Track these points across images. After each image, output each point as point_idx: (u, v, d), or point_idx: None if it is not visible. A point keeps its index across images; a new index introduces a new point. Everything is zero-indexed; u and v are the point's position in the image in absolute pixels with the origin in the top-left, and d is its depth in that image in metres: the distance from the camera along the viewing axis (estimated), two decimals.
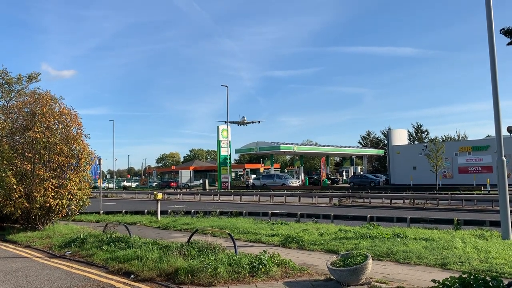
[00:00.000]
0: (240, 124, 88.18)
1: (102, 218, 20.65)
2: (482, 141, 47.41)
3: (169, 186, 68.46)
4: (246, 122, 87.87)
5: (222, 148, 58.75)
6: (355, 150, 72.74)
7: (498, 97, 10.95)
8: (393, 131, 56.50)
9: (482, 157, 44.43)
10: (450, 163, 46.04)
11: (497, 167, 11.02)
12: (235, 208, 22.83)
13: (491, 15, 10.62)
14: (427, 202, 25.50)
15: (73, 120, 16.58)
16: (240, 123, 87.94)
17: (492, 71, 10.91)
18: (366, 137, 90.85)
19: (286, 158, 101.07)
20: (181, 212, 20.90)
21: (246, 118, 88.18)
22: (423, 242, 10.18)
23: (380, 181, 50.76)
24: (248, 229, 13.81)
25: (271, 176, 56.13)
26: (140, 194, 48.44)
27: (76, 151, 16.50)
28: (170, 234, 14.30)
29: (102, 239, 11.55)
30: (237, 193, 37.85)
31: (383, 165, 75.77)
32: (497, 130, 11.20)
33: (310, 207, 25.85)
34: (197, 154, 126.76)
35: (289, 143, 61.70)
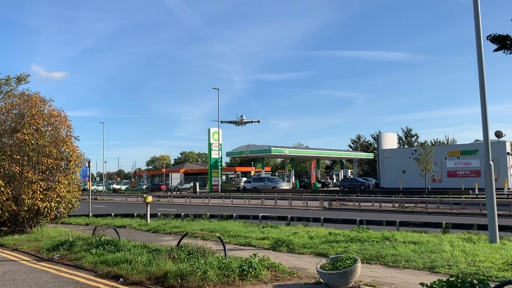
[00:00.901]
0: (238, 124, 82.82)
1: (91, 221, 20.50)
2: (471, 145, 47.92)
3: (159, 189, 68.12)
4: (244, 121, 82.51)
5: (213, 151, 58.62)
6: (346, 154, 73.09)
7: (486, 102, 11.10)
8: (383, 135, 56.89)
9: (471, 161, 44.90)
10: (439, 167, 46.45)
11: (485, 171, 11.16)
12: (225, 211, 22.80)
13: (479, 23, 10.77)
14: (416, 206, 25.69)
15: (62, 122, 16.47)
16: (238, 123, 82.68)
17: (480, 77, 11.05)
18: (356, 141, 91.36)
19: (277, 161, 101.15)
20: (171, 215, 20.81)
21: (244, 117, 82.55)
22: (412, 246, 10.27)
23: (370, 184, 51.03)
24: (238, 232, 13.81)
25: (262, 179, 56.14)
26: (130, 197, 48.13)
27: (65, 153, 16.39)
28: (160, 238, 14.24)
29: (91, 242, 11.48)
30: (227, 196, 37.78)
31: (373, 169, 76.21)
32: (485, 135, 11.36)
33: (301, 210, 25.90)
34: (188, 157, 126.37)
35: (280, 146, 61.79)
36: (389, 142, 55.73)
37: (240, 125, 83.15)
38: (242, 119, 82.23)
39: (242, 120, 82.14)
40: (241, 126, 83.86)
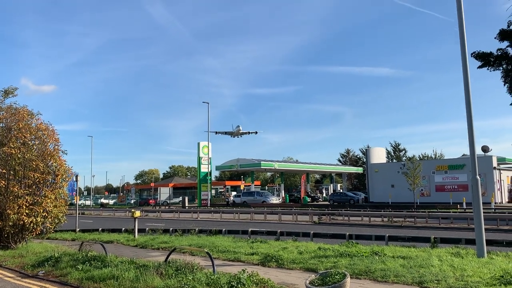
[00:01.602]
0: (234, 135, 75.94)
1: (78, 236, 20.19)
2: (458, 160, 48.44)
3: (147, 204, 67.48)
4: (241, 132, 75.71)
5: (202, 165, 58.42)
6: (335, 168, 73.32)
7: (472, 118, 11.26)
8: (372, 149, 57.28)
9: (458, 175, 45.32)
10: (427, 181, 46.80)
11: (472, 186, 11.27)
12: (214, 226, 22.64)
13: (464, 41, 10.98)
14: (405, 220, 25.77)
15: (50, 135, 16.32)
16: (233, 134, 75.74)
17: (466, 94, 11.22)
18: (345, 155, 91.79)
19: (266, 175, 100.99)
20: (159, 230, 20.59)
21: (241, 127, 75.66)
22: (401, 260, 10.27)
23: (359, 198, 51.15)
24: (227, 247, 13.70)
25: (252, 193, 55.96)
26: (117, 211, 47.57)
27: (52, 168, 16.20)
28: (148, 253, 14.07)
29: (77, 258, 11.28)
30: (217, 210, 37.55)
31: (362, 183, 76.47)
32: (471, 150, 11.50)
33: (290, 225, 25.82)
34: (177, 171, 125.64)
35: (269, 160, 61.82)
36: (378, 157, 56.11)
37: (236, 136, 76.52)
38: (239, 129, 75.90)
39: (239, 130, 75.78)
40: (237, 137, 77.27)
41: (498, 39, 8.57)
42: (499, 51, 8.63)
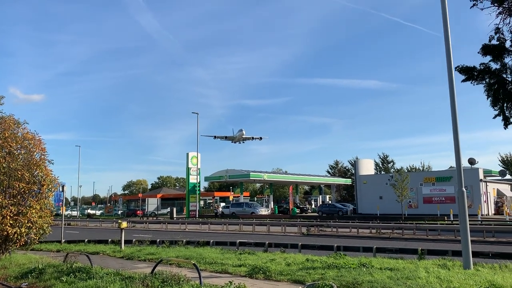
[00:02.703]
0: (235, 140, 67.18)
1: (63, 248, 19.88)
2: (445, 172, 48.90)
3: (135, 215, 66.76)
4: (244, 138, 66.37)
5: (191, 176, 58.09)
6: (324, 179, 73.49)
7: (458, 131, 11.41)
8: (360, 161, 57.60)
9: (445, 187, 45.73)
10: (415, 193, 47.11)
11: (458, 198, 11.38)
12: (202, 237, 22.48)
13: (450, 56, 11.16)
14: (393, 232, 25.86)
15: (36, 145, 16.11)
16: (235, 139, 66.92)
17: (452, 107, 11.38)
18: (334, 166, 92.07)
19: (256, 186, 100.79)
20: (146, 242, 20.38)
21: (244, 132, 66.01)
22: (388, 272, 10.28)
23: (348, 210, 51.24)
24: (215, 259, 13.61)
25: (241, 204, 55.75)
26: (104, 222, 46.98)
27: (38, 177, 15.96)
28: (134, 265, 13.90)
29: (61, 270, 11.11)
30: (205, 221, 37.29)
31: (350, 194, 76.72)
32: (457, 162, 11.63)
33: (279, 236, 25.74)
34: (166, 182, 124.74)
35: (259, 171, 61.74)
36: (366, 168, 56.41)
37: (238, 142, 67.99)
38: (242, 134, 66.01)
39: (242, 135, 66.08)
40: (239, 143, 68.69)
41: (481, 53, 8.76)
42: (482, 65, 8.82)
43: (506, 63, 8.59)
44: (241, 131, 65.80)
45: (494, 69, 8.66)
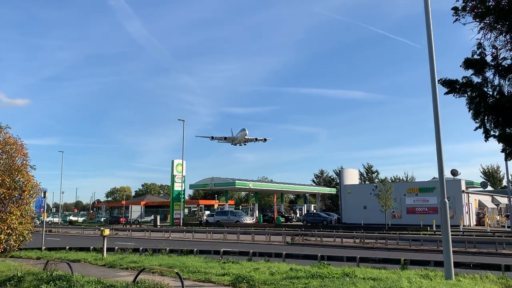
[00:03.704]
0: (236, 142, 60.36)
1: (43, 255, 19.49)
2: (429, 182, 49.50)
3: (118, 222, 65.94)
4: (247, 139, 59.43)
5: (176, 183, 57.71)
6: (309, 188, 73.71)
7: (441, 143, 11.55)
8: (345, 171, 57.97)
9: (429, 198, 46.24)
10: (399, 203, 47.53)
11: (440, 209, 11.51)
12: (186, 246, 22.28)
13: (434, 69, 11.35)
14: (376, 242, 26.00)
15: (18, 150, 15.90)
16: (235, 141, 60.11)
17: (435, 121, 11.53)
18: (319, 176, 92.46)
19: (241, 194, 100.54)
20: (129, 250, 20.11)
21: (247, 132, 58.82)
22: (371, 282, 10.32)
23: (332, 219, 51.42)
24: (198, 268, 13.49)
25: (225, 212, 55.51)
26: (86, 229, 46.30)
27: (19, 183, 15.74)
28: (116, 273, 13.69)
29: (41, 278, 10.89)
30: (189, 230, 36.99)
31: (335, 204, 77.03)
32: (440, 174, 11.77)
33: (263, 245, 25.66)
34: (150, 189, 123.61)
35: (244, 179, 61.64)
36: (351, 178, 56.78)
37: (239, 143, 61.28)
38: (244, 134, 58.68)
39: (244, 135, 58.85)
40: (240, 145, 61.85)
41: (463, 67, 8.96)
42: (464, 78, 9.02)
43: (487, 77, 8.81)
44: (244, 130, 58.42)
45: (476, 82, 8.88)
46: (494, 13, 8.14)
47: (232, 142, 60.91)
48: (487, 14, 8.27)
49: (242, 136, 58.59)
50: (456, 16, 8.90)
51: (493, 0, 8.28)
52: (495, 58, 8.89)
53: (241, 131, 58.61)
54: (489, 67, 8.72)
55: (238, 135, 59.12)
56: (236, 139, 59.46)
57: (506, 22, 8.08)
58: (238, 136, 59.13)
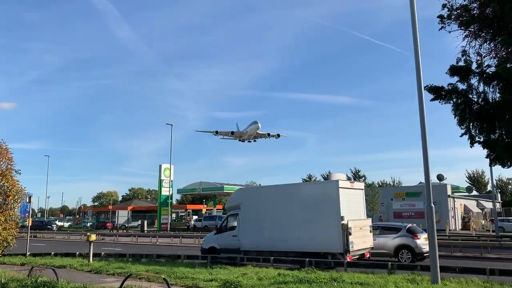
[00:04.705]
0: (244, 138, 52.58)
1: (28, 261, 19.18)
2: (415, 187, 49.93)
3: (104, 227, 65.24)
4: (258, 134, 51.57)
5: (163, 188, 57.32)
6: None
7: (427, 149, 11.69)
8: (333, 175, 57.25)
9: (415, 203, 46.61)
10: (386, 208, 47.84)
11: (427, 214, 11.63)
12: (173, 251, 22.15)
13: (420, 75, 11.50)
14: None
15: (3, 154, 15.69)
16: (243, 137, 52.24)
17: (421, 125, 11.66)
18: (307, 180, 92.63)
19: None
20: (116, 255, 19.93)
21: (260, 125, 51.03)
22: (359, 287, 10.39)
23: None
24: (186, 273, 13.43)
25: (213, 217, 55.22)
26: (72, 234, 45.73)
27: (4, 188, 15.51)
28: (102, 279, 13.55)
29: (25, 284, 10.72)
30: (176, 235, 36.77)
31: None
32: (426, 179, 11.90)
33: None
34: (137, 194, 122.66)
35: (233, 184, 61.54)
36: None
37: (248, 140, 53.91)
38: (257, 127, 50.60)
39: (256, 129, 50.88)
40: (249, 141, 54.53)
41: (449, 74, 9.12)
42: (450, 85, 9.18)
43: (472, 84, 8.98)
44: (256, 123, 50.43)
45: (461, 89, 9.05)
46: (478, 22, 8.33)
47: (240, 138, 53.43)
48: (471, 22, 8.46)
49: (253, 130, 50.83)
50: (442, 24, 9.07)
51: (477, 9, 8.49)
52: (480, 65, 9.07)
53: (252, 124, 50.98)
54: (474, 74, 8.89)
55: (248, 129, 51.46)
56: (245, 134, 52.03)
57: (490, 30, 8.28)
58: (248, 130, 51.58)
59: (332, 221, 15.58)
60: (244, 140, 53.75)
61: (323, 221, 15.94)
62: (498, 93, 8.68)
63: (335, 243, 15.38)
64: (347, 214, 15.62)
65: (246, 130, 52.46)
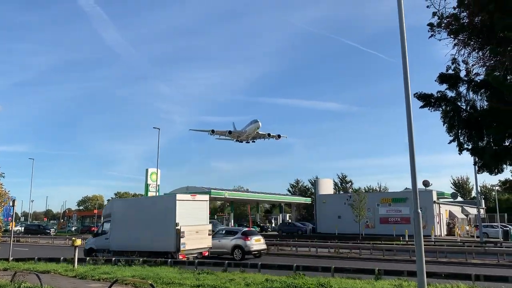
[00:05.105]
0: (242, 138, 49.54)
1: (11, 266, 18.79)
2: (401, 193, 50.38)
3: (90, 231, 64.32)
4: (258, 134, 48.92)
5: (150, 192, 56.70)
6: (284, 198, 73.91)
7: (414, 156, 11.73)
8: (320, 181, 58.40)
9: (401, 208, 47.03)
10: (372, 213, 48.13)
11: (414, 220, 11.68)
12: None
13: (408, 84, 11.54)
14: (350, 252, 26.24)
15: None
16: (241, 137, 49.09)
17: (409, 134, 11.70)
18: (295, 185, 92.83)
19: (216, 204, 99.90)
20: (101, 260, 19.65)
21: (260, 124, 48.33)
22: None
23: (307, 229, 51.62)
24: (173, 279, 13.29)
25: None
26: (57, 239, 45.08)
27: None
28: (87, 284, 13.34)
29: None
30: None
31: (310, 213, 77.41)
32: (413, 185, 11.94)
33: None
34: (123, 198, 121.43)
35: (220, 188, 61.26)
36: (326, 188, 57.23)
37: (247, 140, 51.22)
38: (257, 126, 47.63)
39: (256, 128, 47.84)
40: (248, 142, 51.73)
41: (438, 82, 9.23)
42: (439, 93, 9.29)
43: (460, 92, 9.10)
44: (256, 122, 47.88)
45: (450, 97, 9.16)
46: (467, 30, 8.46)
47: (237, 138, 50.91)
48: (461, 31, 8.59)
49: (253, 129, 48.24)
50: (431, 32, 9.18)
51: (467, 18, 8.62)
52: (468, 73, 9.20)
53: (252, 123, 48.44)
54: (462, 82, 9.02)
55: (247, 129, 49.01)
56: (244, 134, 49.54)
57: (479, 39, 8.42)
58: (247, 130, 49.09)
59: (169, 227, 19.60)
60: (242, 140, 51.63)
61: (164, 227, 19.92)
62: (486, 101, 8.81)
63: (171, 244, 19.46)
64: (183, 221, 19.56)
65: (245, 130, 50.29)
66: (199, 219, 20.87)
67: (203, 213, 21.48)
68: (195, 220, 20.39)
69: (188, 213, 20.14)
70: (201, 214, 21.21)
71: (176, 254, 19.16)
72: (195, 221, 20.32)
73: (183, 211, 19.93)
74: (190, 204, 20.76)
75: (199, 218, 20.83)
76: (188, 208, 20.34)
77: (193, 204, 20.98)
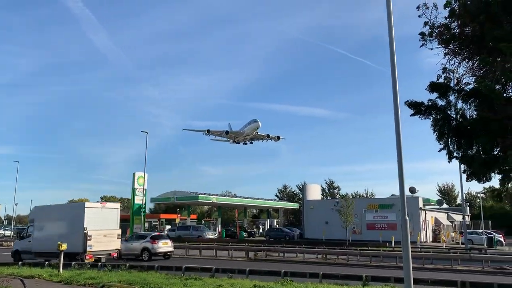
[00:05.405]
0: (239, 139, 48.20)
1: None
2: (388, 199, 50.70)
3: None
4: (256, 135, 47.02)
5: (136, 196, 56.26)
6: (272, 203, 73.90)
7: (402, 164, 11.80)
8: (308, 186, 58.51)
9: (388, 214, 47.30)
10: (359, 219, 48.32)
11: (401, 226, 11.74)
12: (147, 261, 21.72)
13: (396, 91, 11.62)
14: (338, 258, 26.30)
15: None
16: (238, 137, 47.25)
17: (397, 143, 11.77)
18: (283, 190, 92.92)
19: (203, 208, 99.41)
20: (87, 265, 19.38)
21: (260, 124, 46.54)
22: None
23: (295, 235, 51.61)
24: (160, 284, 13.16)
25: (187, 227, 54.56)
26: None
27: None
28: None
29: None
30: None
31: (297, 219, 77.49)
32: (401, 192, 12.00)
33: (226, 261, 25.40)
34: (109, 202, 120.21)
35: (207, 193, 61.03)
36: (314, 193, 57.35)
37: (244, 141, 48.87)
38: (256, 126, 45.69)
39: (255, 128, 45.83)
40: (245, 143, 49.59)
41: (428, 90, 9.34)
42: (430, 101, 9.41)
43: (450, 101, 9.22)
44: (255, 122, 45.60)
45: (440, 105, 9.27)
46: (458, 40, 8.60)
47: (234, 138, 48.43)
48: (452, 41, 8.72)
49: (252, 129, 46.04)
50: (423, 41, 9.31)
51: (458, 28, 8.76)
52: (458, 82, 9.34)
53: (251, 123, 46.24)
54: (452, 91, 9.15)
55: (246, 129, 46.86)
56: (242, 134, 47.21)
57: (469, 49, 8.56)
58: (245, 130, 46.91)
59: (78, 231, 22.25)
60: (239, 141, 49.18)
61: (75, 231, 22.50)
62: (475, 110, 8.94)
63: (79, 245, 21.93)
64: (91, 226, 22.29)
65: (243, 130, 48.13)
66: (108, 224, 23.69)
67: (113, 218, 24.29)
68: (104, 225, 23.21)
69: (97, 219, 22.99)
70: (110, 220, 24.08)
71: (83, 254, 21.89)
72: (104, 226, 23.13)
73: (92, 217, 22.81)
74: (100, 211, 23.72)
75: (108, 224, 23.69)
76: (97, 215, 23.25)
77: (103, 211, 23.93)
